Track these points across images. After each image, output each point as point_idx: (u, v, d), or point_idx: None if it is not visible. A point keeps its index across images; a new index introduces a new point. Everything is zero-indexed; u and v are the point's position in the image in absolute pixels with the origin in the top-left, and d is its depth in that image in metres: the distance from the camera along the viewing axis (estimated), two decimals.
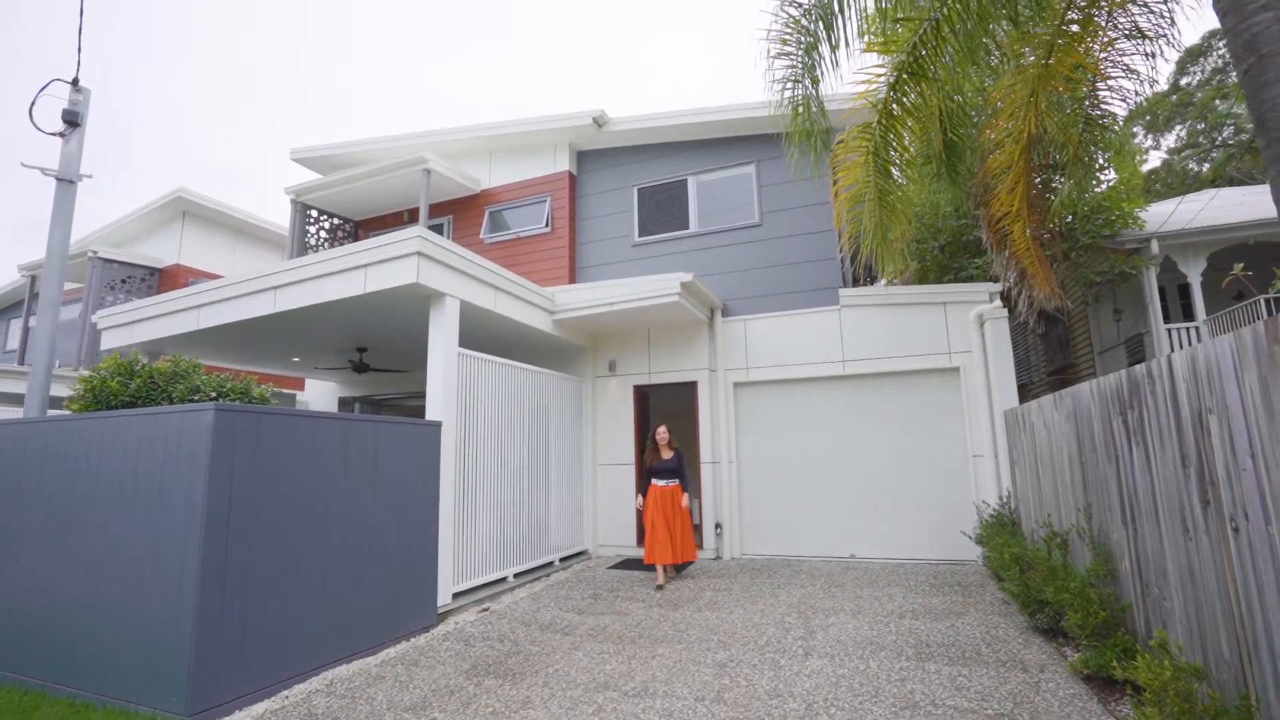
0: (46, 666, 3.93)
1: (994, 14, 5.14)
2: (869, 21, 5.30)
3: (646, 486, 6.54)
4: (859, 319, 7.54)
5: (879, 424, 7.42)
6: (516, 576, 6.46)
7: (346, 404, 10.67)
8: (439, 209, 10.19)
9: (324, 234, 10.54)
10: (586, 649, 4.37)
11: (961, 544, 6.66)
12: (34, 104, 5.70)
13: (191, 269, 12.66)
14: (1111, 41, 5.34)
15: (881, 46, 5.35)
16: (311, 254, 6.42)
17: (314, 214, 10.44)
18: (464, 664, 4.15)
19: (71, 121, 5.80)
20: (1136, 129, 20.53)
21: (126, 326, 7.27)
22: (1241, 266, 6.08)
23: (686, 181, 8.82)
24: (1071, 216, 8.60)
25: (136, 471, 3.81)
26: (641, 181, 9.07)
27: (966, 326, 7.08)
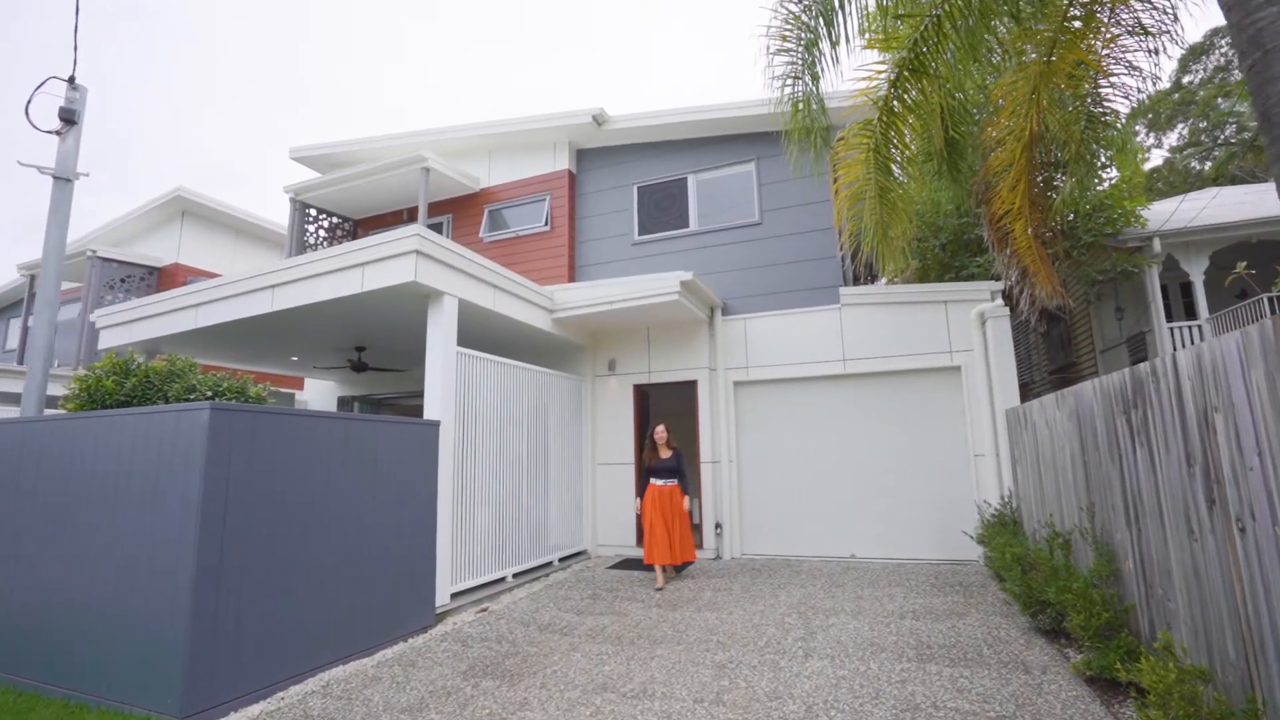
0: (41, 667, 3.90)
1: (996, 10, 5.10)
2: (870, 20, 5.26)
3: (645, 486, 6.49)
4: (859, 318, 7.51)
5: (879, 423, 7.38)
6: (515, 576, 6.44)
7: (346, 403, 10.64)
8: (438, 208, 10.16)
9: (323, 233, 10.51)
10: (585, 650, 4.34)
11: (963, 544, 6.63)
12: (30, 102, 5.68)
13: (191, 268, 12.63)
14: (1114, 38, 5.30)
15: (882, 44, 5.31)
16: (310, 253, 6.39)
17: (313, 213, 10.41)
18: (461, 665, 4.13)
19: (68, 119, 5.77)
20: (1138, 127, 20.45)
21: (124, 325, 7.25)
22: (1244, 265, 6.04)
23: (686, 180, 8.78)
24: (1073, 215, 8.56)
25: (132, 471, 3.79)
26: (641, 180, 9.03)
27: (968, 325, 7.04)
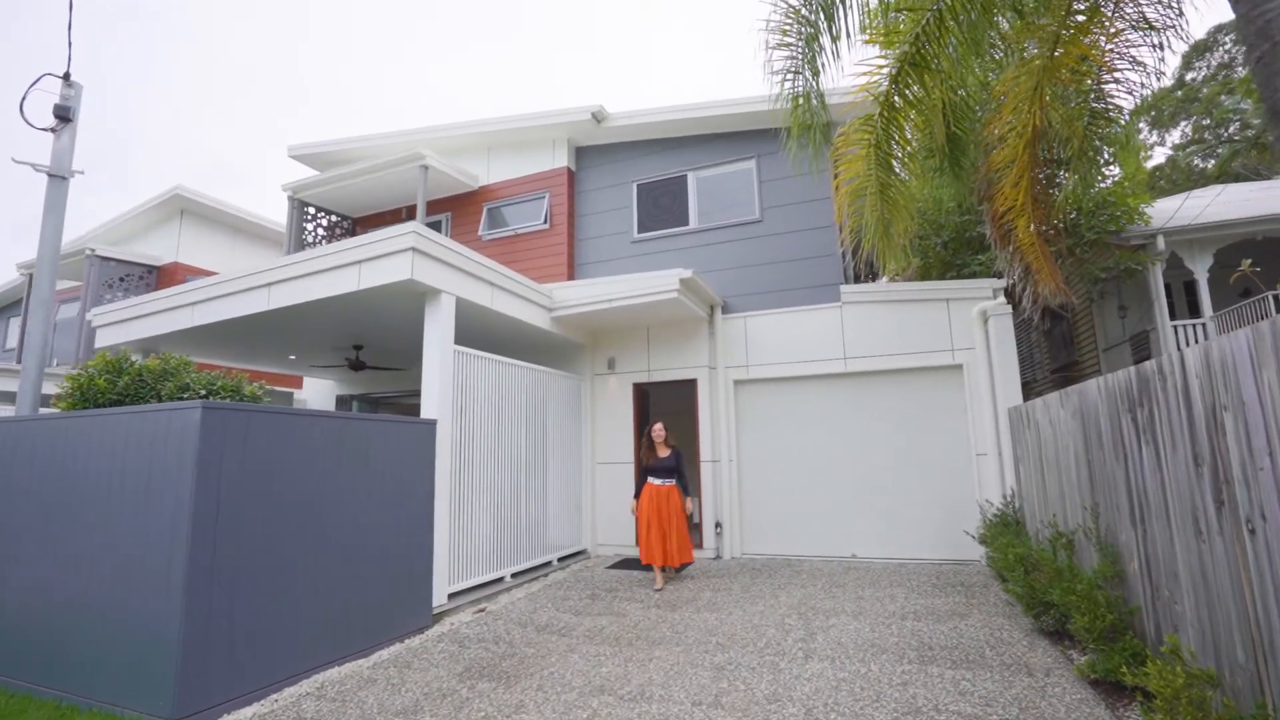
0: (34, 668, 3.87)
1: (999, 4, 5.05)
2: (871, 17, 5.20)
3: (641, 486, 6.40)
4: (861, 316, 7.45)
5: (880, 422, 7.32)
6: (514, 576, 6.39)
7: (344, 402, 10.61)
8: (437, 205, 10.11)
9: (321, 231, 10.47)
10: (583, 651, 4.29)
11: (964, 544, 6.57)
12: (25, 99, 5.64)
13: (190, 267, 12.58)
14: (1118, 33, 5.24)
15: (884, 39, 5.25)
16: (307, 250, 6.35)
17: (311, 211, 10.37)
18: (458, 666, 4.08)
19: (63, 117, 5.72)
20: (1141, 125, 20.34)
21: (121, 324, 7.22)
22: (1250, 262, 5.99)
23: (686, 177, 8.73)
24: (1076, 212, 8.49)
25: (124, 470, 3.74)
26: (641, 177, 8.98)
27: (970, 323, 6.98)
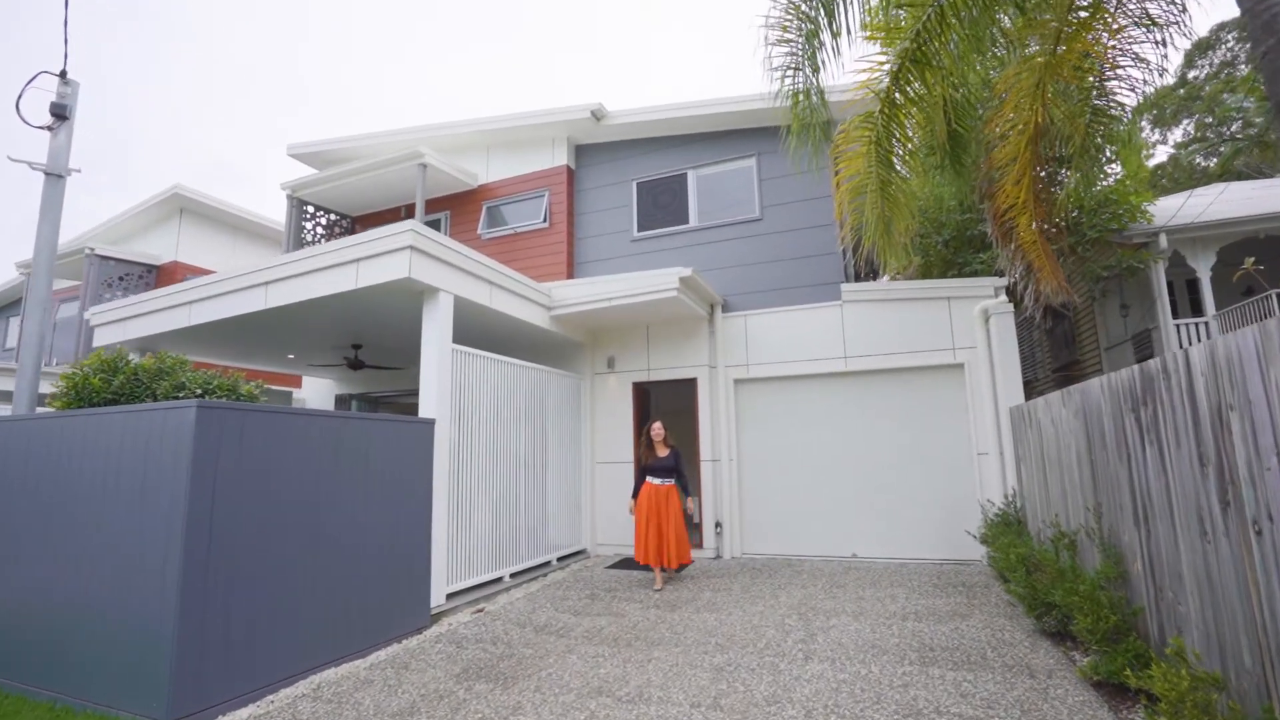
0: (28, 668, 3.84)
1: (1000, 1, 5.00)
2: (872, 14, 5.16)
3: (639, 485, 6.34)
4: (861, 314, 7.41)
5: (881, 421, 7.29)
6: (513, 576, 6.36)
7: (343, 401, 10.58)
8: (436, 204, 10.08)
9: (320, 230, 10.44)
10: (581, 652, 4.26)
11: (966, 544, 6.54)
12: (21, 97, 5.61)
13: (189, 266, 12.56)
14: (1121, 29, 5.20)
15: (885, 36, 5.21)
16: (304, 249, 6.32)
17: (310, 210, 10.33)
18: (455, 667, 4.05)
19: (60, 115, 5.69)
20: (1143, 123, 20.26)
21: (119, 323, 7.19)
22: (1253, 261, 5.95)
23: (686, 175, 8.69)
24: (1078, 210, 8.45)
25: (119, 469, 3.72)
26: (640, 176, 8.94)
27: (971, 322, 6.94)
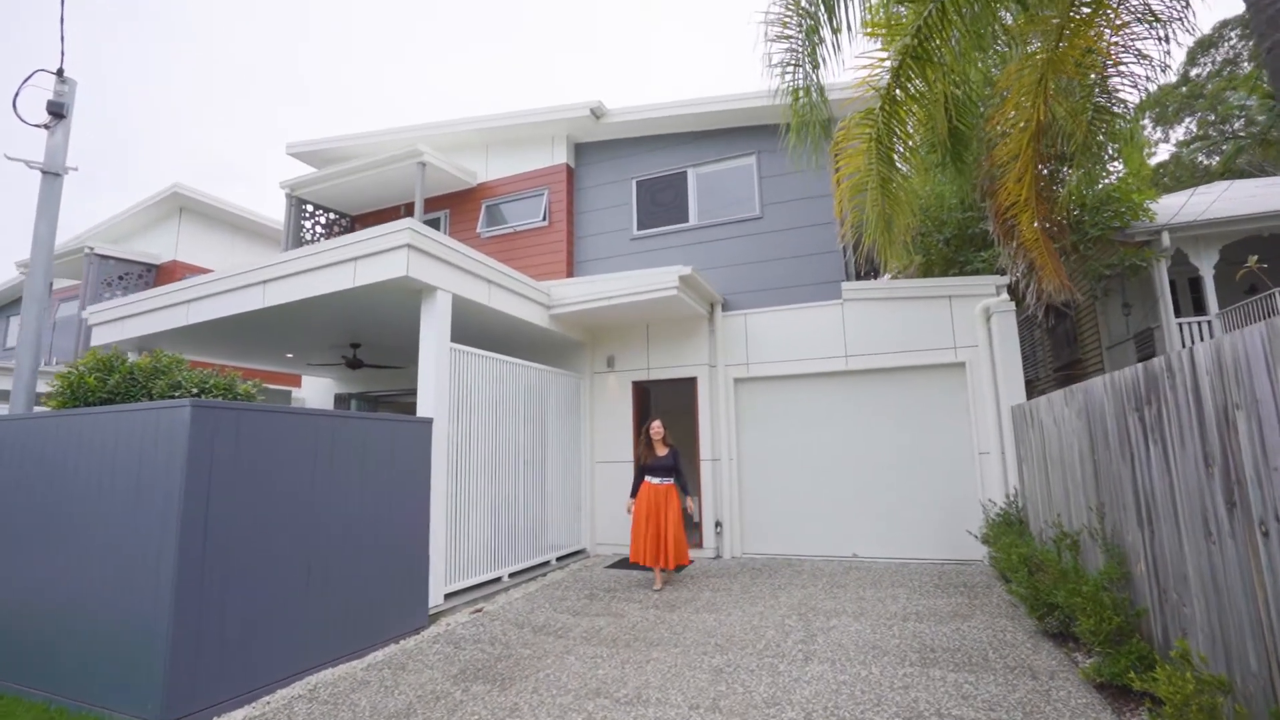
0: (23, 668, 3.82)
1: None
2: (872, 11, 5.11)
3: (638, 485, 6.28)
4: (862, 313, 7.37)
5: (882, 420, 7.25)
6: (512, 576, 6.34)
7: (343, 400, 10.56)
8: (435, 203, 10.05)
9: (320, 228, 10.41)
10: (579, 653, 4.24)
11: (967, 544, 6.50)
12: (18, 95, 5.59)
13: (189, 265, 12.53)
14: (1124, 25, 5.15)
15: (886, 33, 5.17)
16: (302, 247, 6.29)
17: (309, 208, 10.31)
18: (452, 668, 4.03)
19: (56, 113, 5.67)
20: (1145, 121, 20.18)
21: (117, 322, 7.17)
22: (1256, 259, 5.90)
23: (686, 174, 8.65)
24: (1080, 208, 8.40)
25: (114, 469, 3.69)
26: (640, 174, 8.90)
27: (972, 320, 6.90)
